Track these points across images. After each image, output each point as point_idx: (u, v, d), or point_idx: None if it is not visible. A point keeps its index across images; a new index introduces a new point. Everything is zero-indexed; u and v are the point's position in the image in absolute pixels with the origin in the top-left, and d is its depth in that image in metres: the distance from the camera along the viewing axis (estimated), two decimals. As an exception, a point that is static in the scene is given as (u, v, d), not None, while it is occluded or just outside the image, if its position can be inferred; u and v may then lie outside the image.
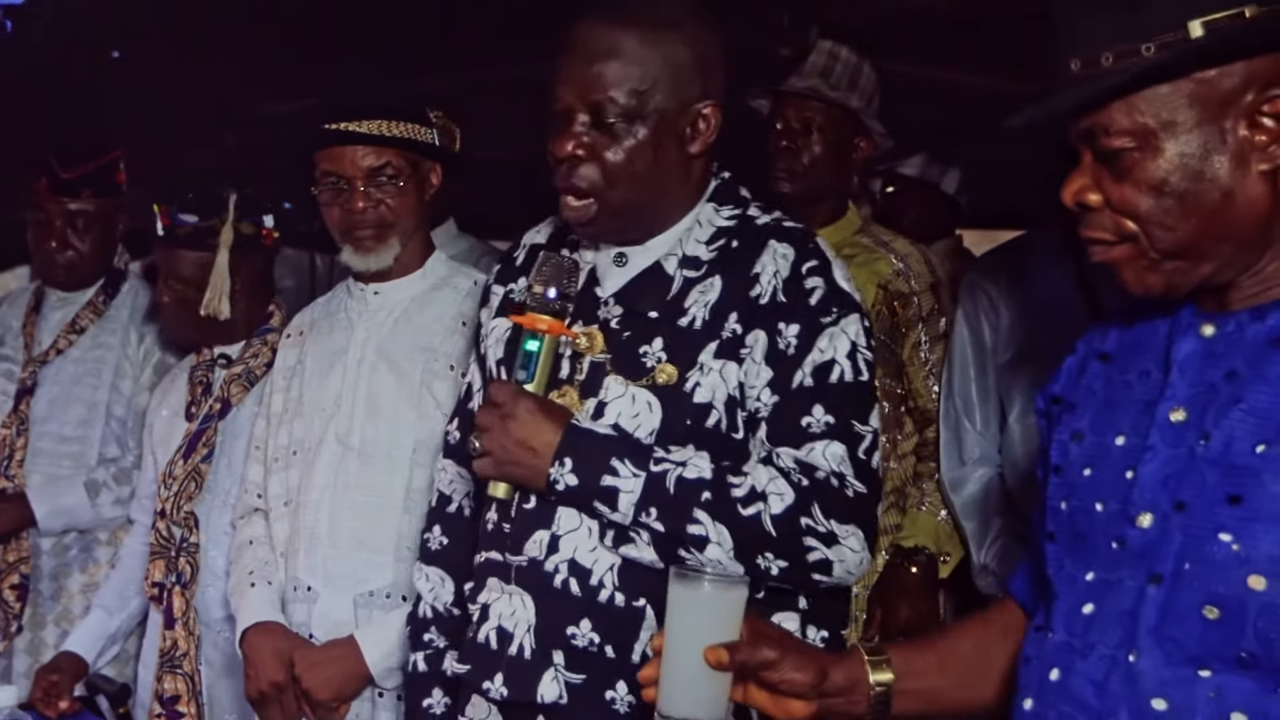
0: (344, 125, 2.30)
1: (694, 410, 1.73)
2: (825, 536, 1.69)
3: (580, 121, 1.74)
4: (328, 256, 5.41)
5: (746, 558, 1.69)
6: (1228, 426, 1.24)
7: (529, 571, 1.78)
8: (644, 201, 1.78)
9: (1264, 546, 1.19)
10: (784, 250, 1.77)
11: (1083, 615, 1.32)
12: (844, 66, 2.93)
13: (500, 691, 1.78)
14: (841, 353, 1.75)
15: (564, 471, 1.70)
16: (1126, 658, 1.26)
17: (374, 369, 2.35)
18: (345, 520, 2.30)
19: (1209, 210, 1.26)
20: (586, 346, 1.79)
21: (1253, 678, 1.20)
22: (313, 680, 2.23)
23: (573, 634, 1.74)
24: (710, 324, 1.75)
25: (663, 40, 1.73)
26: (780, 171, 2.90)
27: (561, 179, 1.76)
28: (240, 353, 2.71)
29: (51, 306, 3.13)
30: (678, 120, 1.75)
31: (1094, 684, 1.28)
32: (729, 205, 1.84)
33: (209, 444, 2.63)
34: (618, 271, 1.84)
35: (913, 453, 2.90)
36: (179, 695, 2.54)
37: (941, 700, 1.51)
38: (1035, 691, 1.36)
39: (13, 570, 2.95)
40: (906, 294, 2.87)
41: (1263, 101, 1.24)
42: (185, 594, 2.56)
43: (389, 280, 2.39)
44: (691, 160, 1.80)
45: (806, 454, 1.71)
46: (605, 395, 1.76)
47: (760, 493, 1.68)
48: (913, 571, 2.83)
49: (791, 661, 1.41)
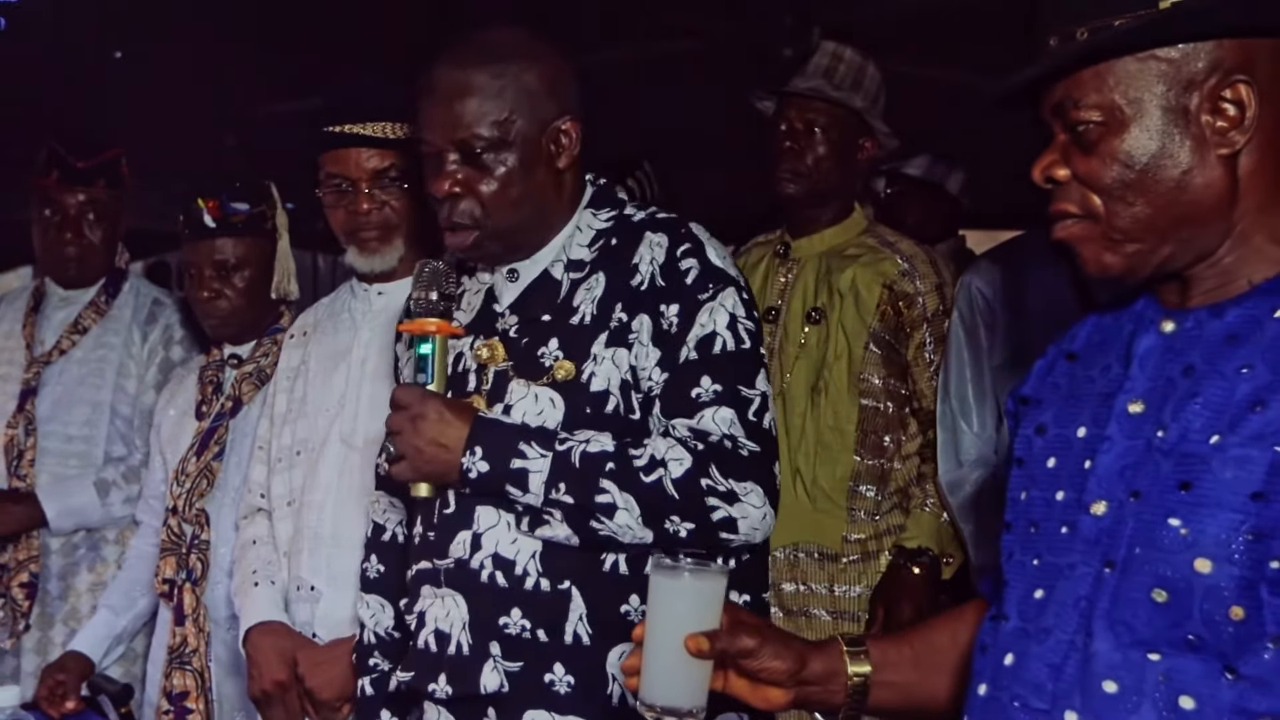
0: (348, 127, 2.31)
1: (593, 399, 1.81)
2: (726, 495, 1.76)
3: (451, 160, 1.84)
4: (330, 257, 5.41)
5: (655, 523, 1.75)
6: (1184, 419, 1.27)
7: (456, 572, 1.86)
8: (524, 222, 1.88)
9: (1211, 530, 1.21)
10: (658, 239, 1.86)
11: (1035, 600, 1.35)
12: (847, 67, 2.94)
13: (445, 690, 1.85)
14: (721, 324, 1.82)
15: (475, 460, 1.77)
16: (1083, 642, 1.28)
17: (377, 369, 2.35)
18: (348, 520, 2.30)
19: (1167, 189, 1.29)
20: (489, 357, 1.89)
21: (1200, 660, 1.22)
22: (316, 680, 2.23)
23: (505, 624, 1.82)
24: (598, 317, 1.84)
25: (510, 70, 1.83)
26: (784, 172, 2.91)
27: (444, 218, 1.86)
28: (251, 352, 2.72)
29: (54, 306, 3.13)
30: (540, 141, 1.86)
31: (1050, 667, 1.30)
32: (606, 208, 1.94)
33: (220, 442, 2.64)
34: (511, 286, 1.93)
35: (917, 453, 2.90)
36: (187, 691, 2.55)
37: (917, 694, 1.53)
38: (990, 677, 1.37)
39: (22, 569, 2.95)
40: (911, 294, 2.86)
41: (1225, 86, 1.28)
42: (196, 591, 2.57)
43: (393, 280, 2.39)
44: (561, 175, 1.90)
45: (698, 421, 1.79)
46: (510, 398, 1.85)
47: (660, 460, 1.75)
48: (915, 572, 2.83)
49: (770, 650, 1.43)
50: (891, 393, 2.86)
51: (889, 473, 2.88)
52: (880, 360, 2.85)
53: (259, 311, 2.70)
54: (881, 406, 2.86)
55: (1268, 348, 1.25)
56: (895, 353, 2.86)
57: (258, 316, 2.70)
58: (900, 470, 2.89)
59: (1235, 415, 1.24)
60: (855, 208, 3.00)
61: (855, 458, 2.84)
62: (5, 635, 2.95)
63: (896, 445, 2.88)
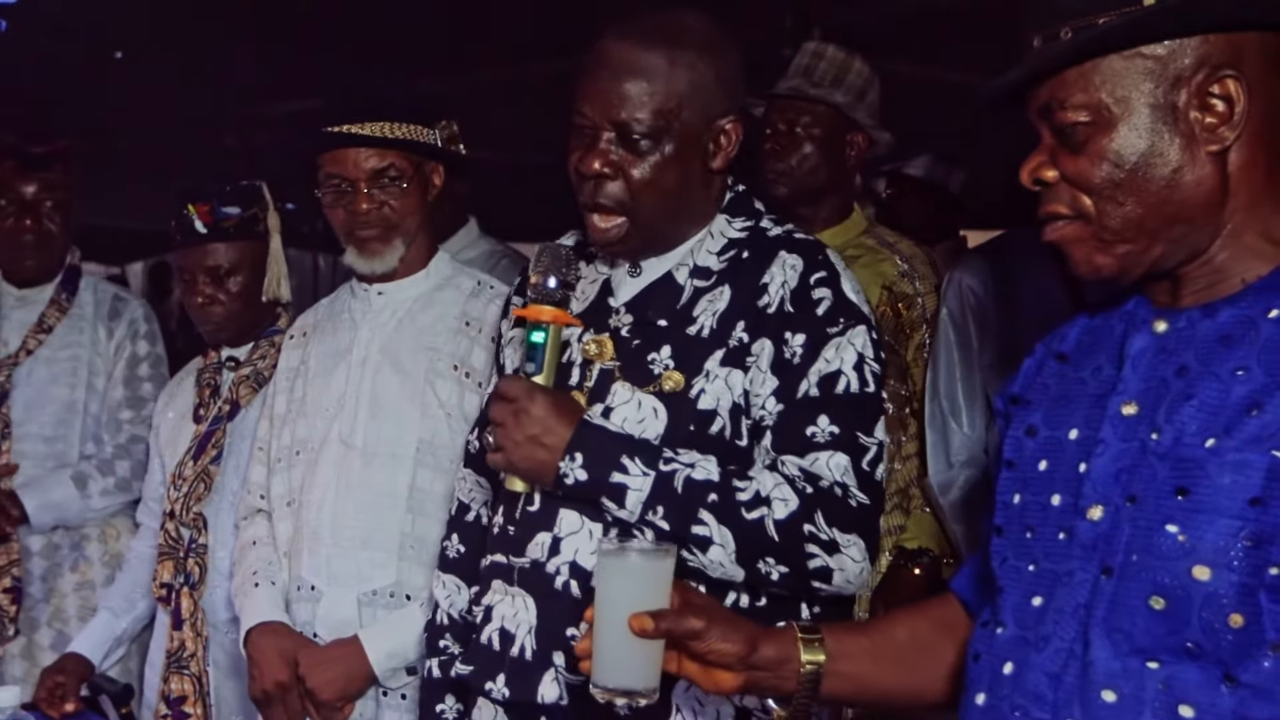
0: (347, 127, 2.30)
1: (698, 417, 1.75)
2: (827, 544, 1.70)
3: (606, 139, 1.76)
4: (330, 257, 5.41)
5: (748, 562, 1.70)
6: (1179, 421, 1.25)
7: (531, 573, 1.80)
8: (669, 216, 1.81)
9: (1209, 537, 1.20)
10: (793, 261, 1.79)
11: (1033, 608, 1.33)
12: (828, 64, 2.92)
13: (502, 692, 1.80)
14: (848, 364, 1.76)
15: (574, 466, 1.71)
16: (1081, 650, 1.27)
17: (378, 369, 2.35)
18: (348, 519, 2.30)
19: (1158, 188, 1.27)
20: (597, 354, 1.82)
21: (1199, 668, 1.21)
22: (317, 680, 2.23)
23: (572, 635, 1.75)
24: (717, 332, 1.77)
25: (687, 59, 1.76)
26: (770, 174, 2.90)
27: (588, 196, 1.79)
28: (248, 354, 2.71)
29: (10, 306, 3.09)
30: (701, 137, 1.78)
31: (1049, 676, 1.29)
32: (742, 217, 1.87)
33: (218, 445, 2.63)
34: (631, 281, 1.86)
35: (916, 454, 2.89)
36: (185, 696, 2.54)
37: (871, 686, 1.51)
38: (988, 686, 1.35)
39: (4, 574, 2.93)
40: (911, 295, 2.86)
41: (1213, 82, 1.26)
42: (193, 595, 2.56)
43: (393, 280, 2.39)
44: (713, 175, 1.83)
45: (811, 463, 1.73)
46: (612, 401, 1.78)
47: (765, 498, 1.69)
48: (916, 573, 2.83)
49: (719, 632, 1.41)
50: (891, 394, 2.86)
51: (889, 474, 2.88)
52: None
53: (255, 315, 2.69)
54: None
55: (1263, 350, 1.24)
56: (895, 354, 2.86)
57: (254, 320, 2.70)
58: (900, 471, 2.89)
59: (1231, 418, 1.22)
60: (855, 208, 3.00)
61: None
62: None
63: (897, 446, 2.88)
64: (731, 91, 1.81)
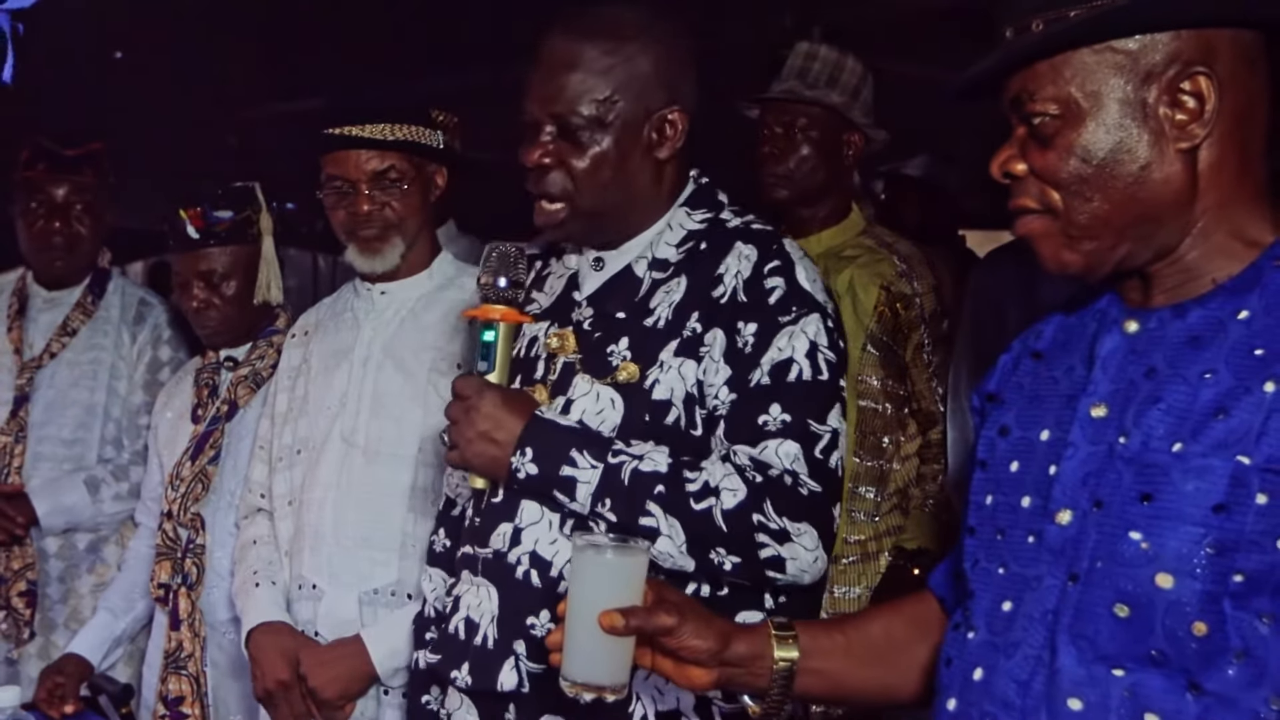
0: (348, 129, 2.31)
1: (653, 407, 1.77)
2: (777, 534, 1.70)
3: (547, 132, 1.80)
4: (330, 257, 5.42)
5: (699, 552, 1.71)
6: (1146, 425, 1.24)
7: (494, 563, 1.83)
8: (612, 206, 1.83)
9: (1172, 545, 1.18)
10: (748, 251, 1.81)
11: (1003, 613, 1.32)
12: (822, 65, 2.92)
13: (465, 680, 1.84)
14: (800, 352, 1.76)
15: (525, 461, 1.74)
16: (1049, 657, 1.26)
17: (380, 368, 2.36)
18: (350, 518, 2.31)
19: (1125, 184, 1.26)
20: (559, 347, 1.85)
21: (1164, 676, 1.20)
22: (319, 679, 2.23)
23: (532, 624, 1.79)
24: (672, 323, 1.79)
25: (624, 51, 1.79)
26: (769, 178, 2.91)
27: (532, 185, 1.83)
28: (246, 355, 2.72)
29: (38, 309, 3.11)
30: (642, 127, 1.81)
31: (1018, 683, 1.28)
32: (702, 209, 1.88)
33: (216, 446, 2.64)
34: (594, 275, 1.89)
35: (915, 454, 2.90)
36: (183, 696, 2.54)
37: (845, 684, 1.51)
38: (958, 691, 1.35)
39: (19, 577, 2.94)
40: (909, 295, 2.86)
41: (1184, 79, 1.24)
42: (191, 595, 2.56)
43: (396, 279, 2.40)
44: (661, 165, 1.85)
45: (760, 451, 1.73)
46: (572, 394, 1.81)
47: (714, 488, 1.70)
48: (915, 573, 2.83)
49: (691, 628, 1.40)
50: (890, 394, 2.86)
51: (888, 474, 2.88)
52: (878, 362, 2.85)
53: (251, 317, 2.69)
54: (880, 408, 2.86)
55: (1231, 352, 1.22)
56: (893, 354, 2.86)
57: (250, 321, 2.69)
58: (899, 471, 2.89)
59: (1198, 422, 1.21)
60: (853, 208, 3.00)
61: (854, 459, 2.84)
62: (11, 646, 2.95)
63: (895, 446, 2.88)
64: (676, 82, 1.83)
